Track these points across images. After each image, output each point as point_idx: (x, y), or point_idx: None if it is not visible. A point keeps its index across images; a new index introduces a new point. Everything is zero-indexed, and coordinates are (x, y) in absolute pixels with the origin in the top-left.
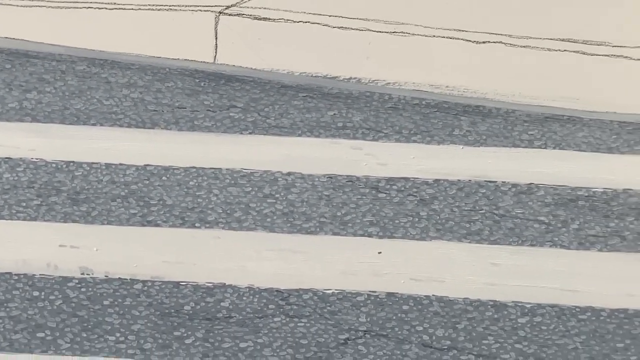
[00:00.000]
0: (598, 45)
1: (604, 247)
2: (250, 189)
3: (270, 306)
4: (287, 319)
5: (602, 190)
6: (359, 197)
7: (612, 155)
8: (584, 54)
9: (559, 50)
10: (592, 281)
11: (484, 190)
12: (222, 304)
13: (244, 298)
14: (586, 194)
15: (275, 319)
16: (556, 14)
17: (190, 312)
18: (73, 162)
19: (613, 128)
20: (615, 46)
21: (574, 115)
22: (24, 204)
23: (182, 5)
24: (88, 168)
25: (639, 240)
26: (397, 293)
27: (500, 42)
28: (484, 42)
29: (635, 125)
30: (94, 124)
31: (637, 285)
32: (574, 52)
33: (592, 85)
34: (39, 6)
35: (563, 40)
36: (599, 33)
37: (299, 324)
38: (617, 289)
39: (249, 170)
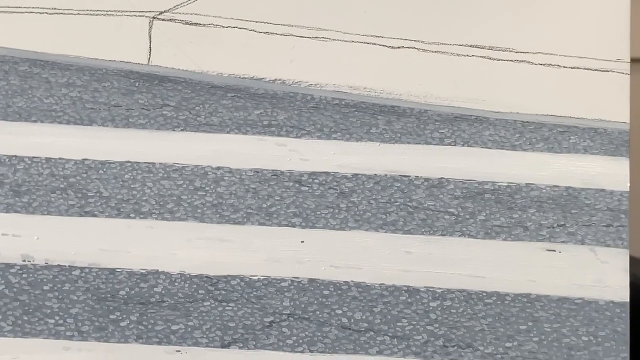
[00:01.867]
0: (502, 51)
1: (508, 237)
2: (182, 182)
3: (200, 291)
4: (216, 303)
5: (507, 184)
6: (283, 190)
7: (516, 152)
8: (489, 59)
9: (467, 55)
10: (498, 268)
11: (399, 184)
12: (155, 289)
13: (176, 284)
14: (492, 188)
15: (205, 303)
16: (465, 23)
17: (125, 296)
18: (15, 156)
19: (516, 127)
20: (519, 52)
21: (480, 115)
22: None
23: (118, 11)
24: (29, 162)
25: (540, 230)
26: (318, 279)
27: (414, 48)
28: (398, 48)
29: (536, 125)
30: (35, 121)
31: (538, 271)
32: (480, 57)
33: (497, 87)
34: None
35: (471, 46)
36: (504, 40)
37: (227, 308)
38: (520, 275)
39: (181, 165)
